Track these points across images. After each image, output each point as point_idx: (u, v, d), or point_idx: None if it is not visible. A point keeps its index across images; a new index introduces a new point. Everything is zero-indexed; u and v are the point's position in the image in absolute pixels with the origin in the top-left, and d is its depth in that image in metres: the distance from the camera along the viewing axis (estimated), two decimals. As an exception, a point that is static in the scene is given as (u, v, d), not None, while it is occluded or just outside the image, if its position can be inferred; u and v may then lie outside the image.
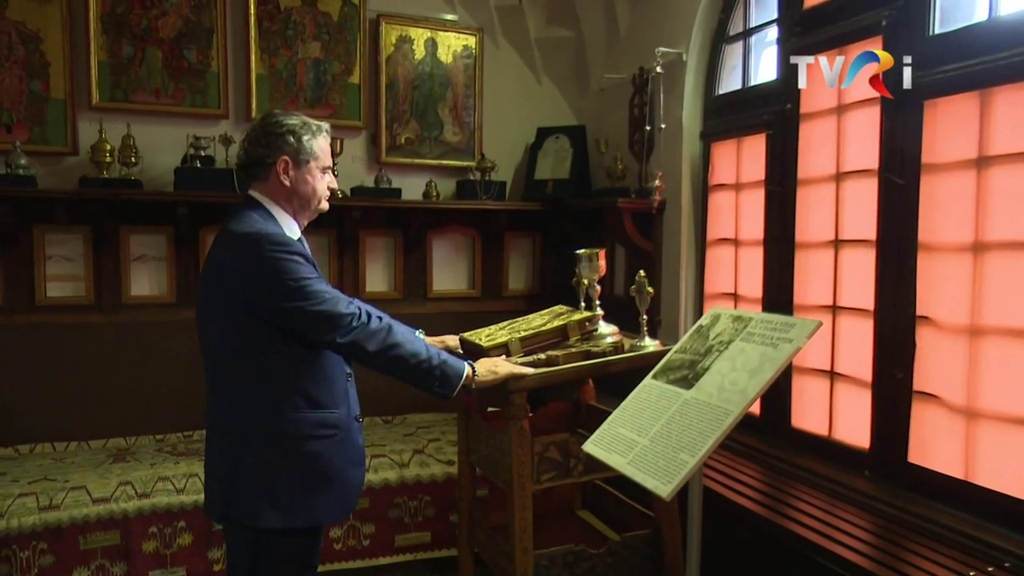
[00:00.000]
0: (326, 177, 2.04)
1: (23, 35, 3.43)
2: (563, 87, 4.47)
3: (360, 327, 1.91)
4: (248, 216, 1.92)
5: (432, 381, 2.02)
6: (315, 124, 2.02)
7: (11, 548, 2.74)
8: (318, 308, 1.86)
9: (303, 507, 1.92)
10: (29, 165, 3.36)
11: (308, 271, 1.88)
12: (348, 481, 2.02)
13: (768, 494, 2.54)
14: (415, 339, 2.04)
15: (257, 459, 1.89)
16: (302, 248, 1.94)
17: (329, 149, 2.06)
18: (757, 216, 2.99)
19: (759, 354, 1.85)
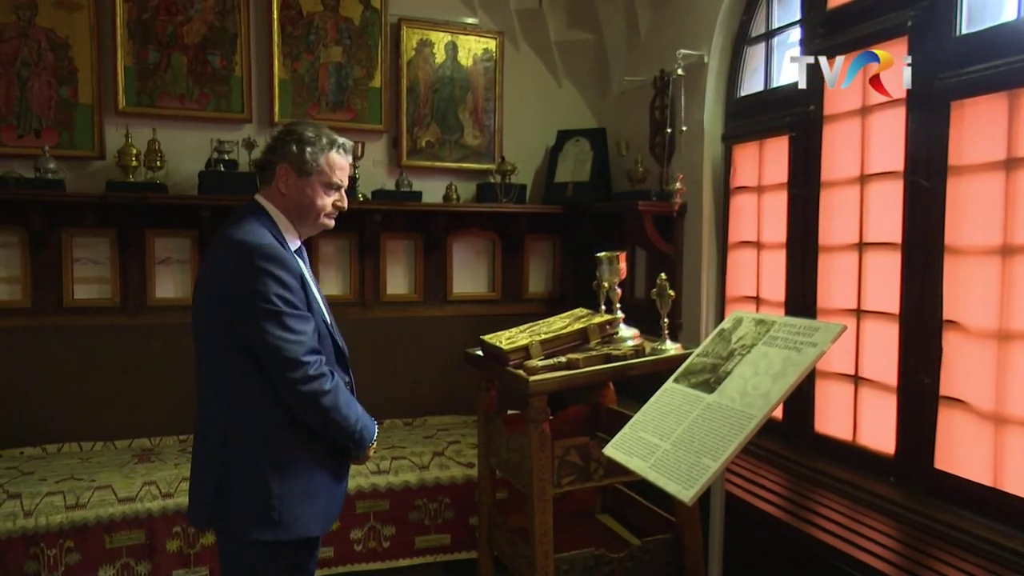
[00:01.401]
0: (332, 194, 1.99)
1: (52, 42, 3.49)
2: (583, 90, 4.47)
3: (319, 379, 1.84)
4: (247, 221, 1.89)
5: (351, 442, 1.99)
6: (331, 139, 1.97)
7: (39, 546, 2.78)
8: (281, 343, 1.80)
9: (292, 520, 1.88)
10: (57, 169, 3.41)
11: (291, 298, 1.83)
12: (334, 493, 2.01)
13: (791, 499, 2.52)
14: (353, 402, 1.99)
15: (246, 472, 1.86)
16: (295, 265, 1.88)
17: (343, 166, 1.99)
18: (780, 219, 2.96)
19: (782, 358, 1.84)
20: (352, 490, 3.22)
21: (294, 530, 1.89)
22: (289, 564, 1.96)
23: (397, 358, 4.14)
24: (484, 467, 2.88)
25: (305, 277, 1.93)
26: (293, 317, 1.83)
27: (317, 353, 1.87)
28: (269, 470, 1.86)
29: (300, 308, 1.86)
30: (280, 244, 1.89)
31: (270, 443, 1.87)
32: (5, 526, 2.74)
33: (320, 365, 1.86)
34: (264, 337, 1.80)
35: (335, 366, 1.99)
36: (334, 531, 3.18)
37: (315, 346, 1.87)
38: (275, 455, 1.87)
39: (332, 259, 4.05)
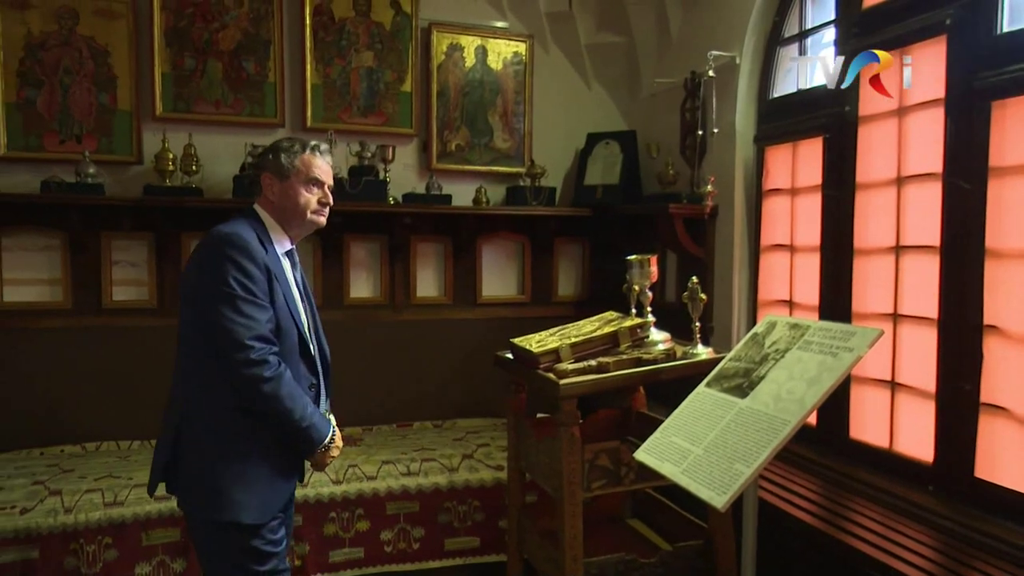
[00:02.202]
0: (314, 191, 2.11)
1: (93, 50, 3.58)
2: (613, 92, 4.45)
3: (260, 365, 1.90)
4: (234, 219, 2.05)
5: (297, 438, 2.02)
6: (304, 143, 2.13)
7: (78, 542, 2.84)
8: (232, 325, 1.89)
9: (227, 503, 1.96)
10: (97, 174, 3.50)
11: (250, 285, 1.92)
12: (277, 485, 2.06)
13: (825, 507, 2.48)
14: (300, 396, 2.01)
15: (193, 451, 1.98)
16: (262, 257, 1.97)
17: (320, 165, 2.12)
18: (813, 221, 2.92)
19: (817, 363, 1.81)
20: (383, 491, 3.25)
21: (226, 513, 1.96)
22: (237, 545, 2.01)
23: (427, 360, 4.17)
24: (514, 470, 2.88)
25: (275, 273, 2.01)
26: (247, 303, 1.92)
27: (266, 342, 1.94)
28: (213, 452, 1.98)
29: (258, 297, 1.95)
30: (261, 242, 2.02)
31: (217, 426, 1.98)
32: (47, 522, 2.81)
33: (265, 352, 1.92)
34: (215, 317, 1.91)
35: (297, 364, 2.06)
36: (364, 532, 3.21)
37: (265, 334, 1.94)
38: (220, 438, 1.98)
39: (363, 262, 4.09)
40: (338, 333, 3.96)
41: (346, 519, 3.20)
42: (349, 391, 4.02)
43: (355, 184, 3.74)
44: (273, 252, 2.06)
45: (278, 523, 2.09)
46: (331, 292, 4.02)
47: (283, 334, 2.01)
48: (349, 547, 3.21)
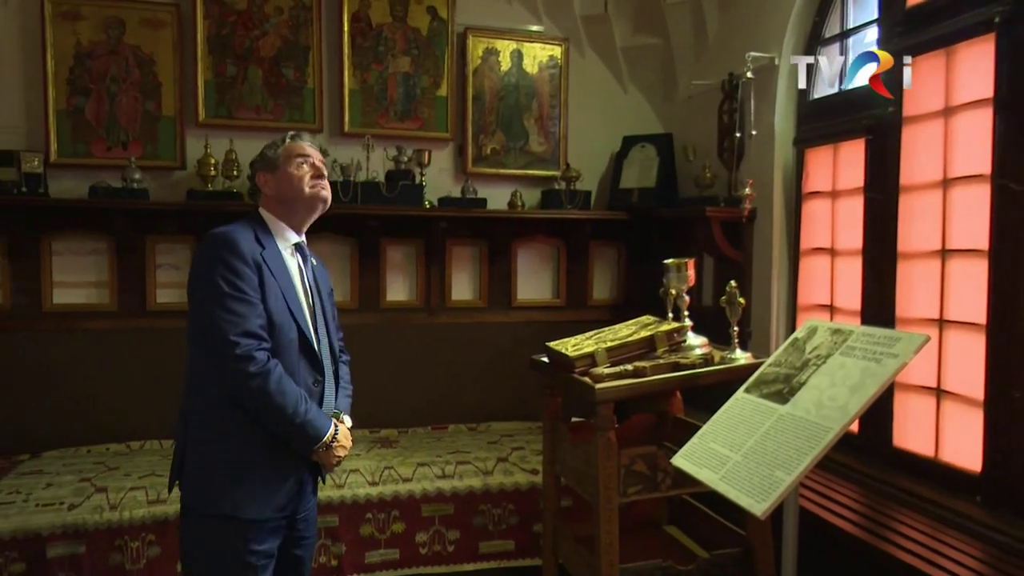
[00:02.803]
0: (304, 167, 2.12)
1: (139, 58, 3.67)
2: (649, 95, 4.43)
3: (245, 360, 1.89)
4: (235, 222, 2.08)
5: (291, 434, 1.98)
6: (284, 136, 2.18)
7: (123, 538, 2.91)
8: (217, 321, 1.90)
9: (218, 494, 1.96)
10: (142, 179, 3.58)
11: (237, 282, 1.92)
12: (271, 481, 2.00)
13: (868, 516, 2.43)
14: (292, 393, 1.96)
15: (193, 444, 2.00)
16: (250, 253, 1.96)
17: (302, 148, 2.14)
18: (855, 225, 2.87)
19: (860, 369, 1.77)
20: (418, 493, 3.27)
21: (219, 505, 1.95)
22: (225, 544, 1.97)
23: (461, 363, 4.18)
24: (549, 474, 2.87)
25: (271, 269, 2.01)
26: (233, 299, 1.92)
27: (253, 337, 1.92)
28: (210, 447, 1.99)
29: (247, 293, 1.94)
30: (258, 240, 2.03)
31: (213, 422, 1.98)
32: (93, 518, 2.88)
33: (251, 348, 1.91)
34: (202, 315, 1.94)
35: (297, 361, 2.03)
36: (399, 533, 3.23)
37: (252, 330, 1.92)
38: (216, 433, 1.98)
39: (399, 265, 4.12)
40: (374, 336, 4.05)
41: (382, 520, 3.22)
42: (385, 393, 4.07)
43: (392, 188, 3.78)
44: (274, 249, 2.07)
45: (272, 528, 2.02)
46: (368, 295, 4.06)
47: (278, 330, 2.00)
48: (385, 548, 3.23)
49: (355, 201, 3.73)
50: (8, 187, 3.40)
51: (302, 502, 2.12)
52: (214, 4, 3.73)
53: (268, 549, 2.02)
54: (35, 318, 3.64)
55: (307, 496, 2.15)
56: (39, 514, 2.86)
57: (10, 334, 3.60)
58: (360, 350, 3.96)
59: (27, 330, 3.63)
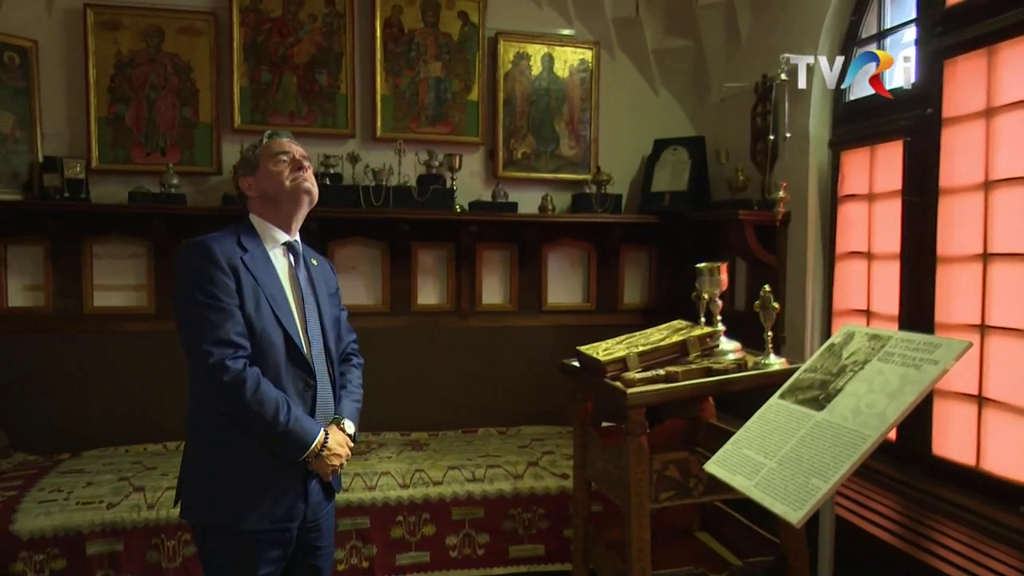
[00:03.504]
0: (282, 162, 2.05)
1: (177, 66, 3.75)
2: (681, 98, 4.40)
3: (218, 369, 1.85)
4: (221, 229, 2.05)
5: (274, 442, 1.94)
6: (262, 137, 2.13)
7: (160, 536, 2.97)
8: (190, 331, 1.89)
9: (207, 504, 1.96)
10: (179, 184, 3.66)
11: (212, 290, 1.88)
12: (264, 490, 1.96)
13: (906, 526, 2.37)
14: (271, 401, 1.91)
15: (187, 454, 2.01)
16: (241, 260, 1.94)
17: (280, 144, 2.07)
18: (893, 228, 2.81)
19: (899, 375, 1.74)
20: (448, 496, 3.27)
21: (210, 518, 1.96)
22: (229, 556, 1.97)
23: (491, 367, 4.19)
24: (579, 479, 2.86)
25: (253, 274, 1.96)
26: (207, 307, 1.88)
27: (228, 345, 1.88)
28: (197, 454, 1.99)
29: (222, 300, 1.89)
30: (241, 244, 1.98)
31: (207, 431, 1.97)
32: (131, 517, 2.94)
33: (225, 357, 1.86)
34: (179, 324, 1.93)
35: (283, 367, 1.97)
36: (429, 536, 3.24)
37: (227, 338, 1.88)
38: (204, 442, 1.98)
39: (430, 269, 4.15)
40: (405, 339, 4.08)
41: (412, 523, 3.24)
42: (415, 396, 4.10)
43: (423, 192, 3.80)
44: (260, 251, 2.02)
45: (274, 539, 1.99)
46: (399, 299, 4.09)
47: (260, 335, 1.94)
48: (415, 551, 3.25)
49: (387, 205, 3.76)
50: (52, 193, 3.49)
51: (307, 511, 2.05)
52: (250, 12, 3.79)
53: (272, 558, 2.00)
54: (76, 320, 3.73)
55: (314, 505, 2.07)
56: (79, 512, 2.93)
57: (52, 336, 3.70)
58: (391, 353, 4.02)
59: (68, 332, 3.72)
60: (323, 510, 2.12)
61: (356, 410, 2.19)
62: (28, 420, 3.65)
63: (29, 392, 3.66)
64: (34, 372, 3.67)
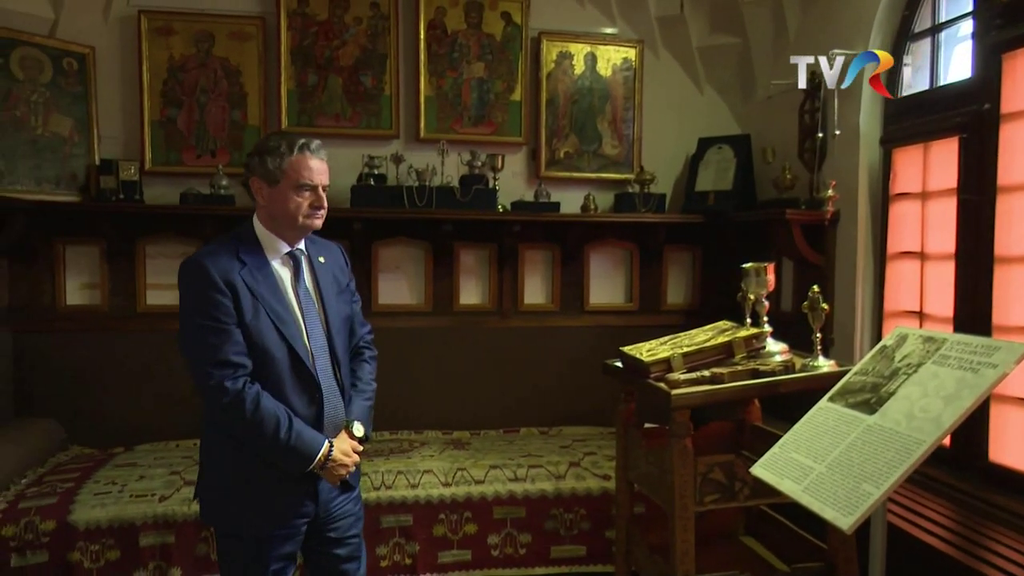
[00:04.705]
0: (305, 195, 1.98)
1: (226, 70, 3.84)
2: (726, 96, 4.33)
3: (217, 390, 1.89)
4: (215, 241, 2.03)
5: (276, 456, 1.97)
6: (292, 143, 1.99)
7: (209, 530, 3.03)
8: (189, 354, 1.94)
9: (218, 512, 2.05)
10: (229, 186, 3.74)
11: (210, 310, 1.89)
12: (266, 498, 1.99)
13: (961, 534, 2.31)
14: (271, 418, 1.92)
15: (201, 462, 2.09)
16: (239, 276, 1.92)
17: (310, 166, 1.98)
18: (947, 227, 2.73)
19: (955, 379, 1.69)
20: (490, 495, 3.28)
21: (219, 522, 2.05)
22: (239, 558, 2.03)
23: (533, 367, 4.19)
24: (622, 480, 2.84)
25: (252, 289, 1.94)
26: (205, 329, 1.90)
27: (226, 366, 1.90)
28: (208, 464, 2.07)
29: (220, 320, 1.90)
30: (240, 257, 1.96)
31: (209, 439, 2.06)
32: (181, 510, 3.02)
33: (224, 379, 1.89)
34: (180, 341, 1.96)
35: (287, 379, 1.98)
36: (471, 534, 3.26)
37: (226, 359, 1.90)
38: (213, 450, 2.05)
39: (472, 269, 4.17)
40: (447, 339, 4.10)
41: (455, 521, 3.26)
42: (457, 395, 4.12)
43: (465, 193, 3.82)
44: (260, 263, 1.99)
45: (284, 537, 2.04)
46: (441, 299, 4.12)
47: (261, 352, 1.95)
48: (457, 549, 3.26)
49: (430, 206, 3.79)
50: (107, 194, 3.61)
51: (317, 509, 2.07)
52: (297, 16, 3.86)
53: (281, 555, 2.05)
54: (130, 318, 3.85)
55: (325, 502, 2.09)
56: (133, 504, 3.01)
57: (107, 333, 3.82)
58: (433, 353, 4.05)
59: (122, 330, 3.84)
60: (337, 503, 2.13)
61: (366, 408, 2.19)
62: (84, 414, 3.78)
63: (85, 387, 3.78)
64: (90, 368, 3.79)
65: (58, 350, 3.75)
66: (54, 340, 3.75)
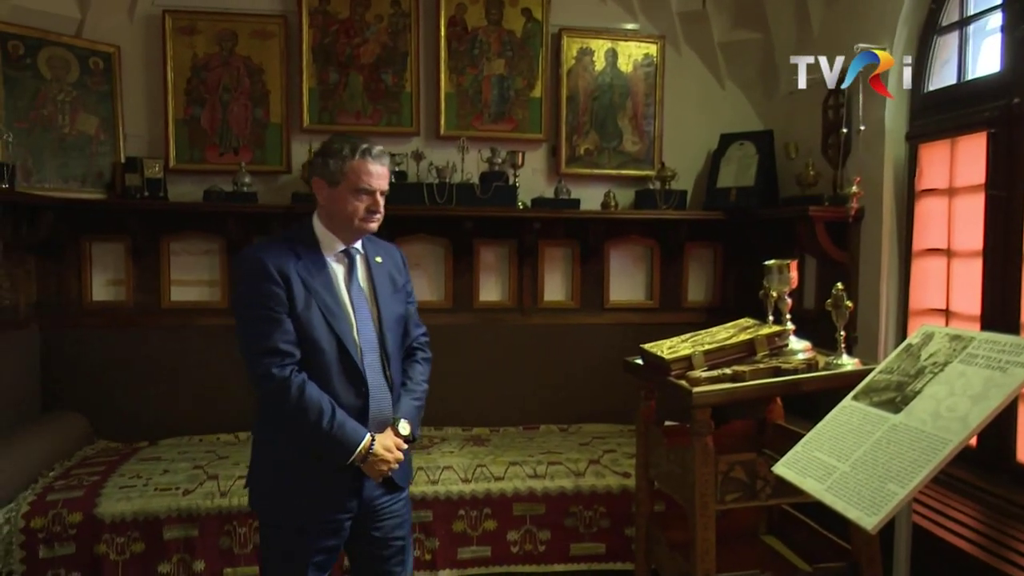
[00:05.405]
0: (363, 199, 2.03)
1: (249, 68, 3.87)
2: (748, 92, 4.29)
3: (264, 378, 1.96)
4: (274, 236, 2.08)
5: (319, 445, 2.00)
6: (355, 147, 2.03)
7: (232, 523, 3.07)
8: (240, 341, 2.01)
9: (261, 498, 2.10)
10: (251, 183, 3.77)
11: (263, 300, 1.96)
12: (311, 488, 2.02)
13: (988, 536, 2.27)
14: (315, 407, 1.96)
15: (254, 454, 2.14)
16: (293, 269, 1.99)
17: (370, 171, 2.02)
18: (975, 224, 2.69)
19: (983, 378, 1.66)
20: (510, 492, 3.29)
21: (263, 509, 2.11)
22: (279, 547, 2.08)
23: (553, 364, 4.18)
24: (642, 478, 2.83)
25: (305, 282, 2.00)
26: (258, 318, 1.97)
27: (275, 354, 1.96)
28: (258, 452, 2.12)
29: (272, 309, 1.96)
30: (295, 251, 2.03)
31: (259, 429, 2.11)
32: (205, 504, 3.05)
33: (271, 366, 1.95)
34: (236, 329, 2.04)
35: (334, 371, 2.02)
36: (491, 531, 3.26)
37: (274, 347, 1.96)
38: (263, 441, 2.11)
39: (492, 266, 4.17)
40: (467, 336, 4.11)
41: (474, 517, 3.26)
42: (477, 392, 4.13)
43: (485, 190, 3.82)
44: (314, 259, 2.05)
45: (323, 530, 2.07)
46: (461, 295, 4.13)
47: (310, 343, 2.00)
48: (477, 545, 3.27)
49: (450, 203, 3.80)
50: (132, 192, 3.66)
51: (360, 504, 2.09)
52: (318, 14, 3.88)
53: (323, 548, 2.08)
54: (154, 314, 3.90)
55: (369, 499, 2.11)
56: (157, 498, 3.05)
57: (132, 329, 3.87)
58: (453, 349, 4.05)
59: (147, 326, 3.89)
60: (383, 502, 2.15)
61: (415, 408, 2.20)
62: (109, 409, 3.83)
63: (110, 382, 3.84)
64: (115, 363, 3.85)
65: (84, 345, 3.81)
66: (80, 336, 3.82)
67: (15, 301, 3.57)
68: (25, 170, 3.48)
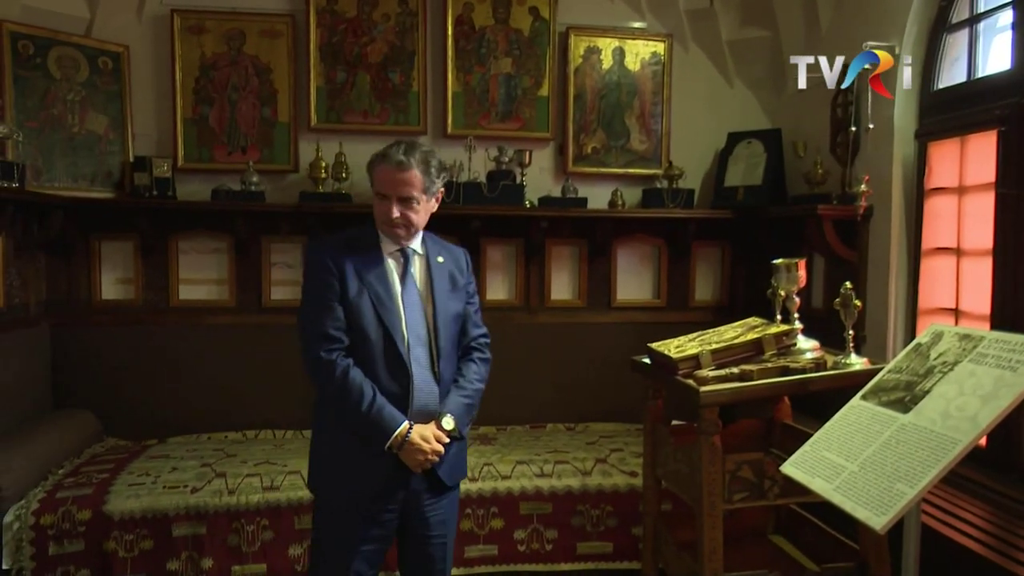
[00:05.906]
0: (383, 202, 2.14)
1: (257, 67, 3.88)
2: (756, 90, 4.28)
3: (313, 362, 2.10)
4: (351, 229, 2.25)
5: (360, 429, 2.09)
6: (379, 154, 2.16)
7: (240, 521, 3.08)
8: (298, 324, 2.15)
9: (319, 480, 2.20)
10: (259, 182, 3.78)
11: (321, 288, 2.10)
12: (362, 471, 2.11)
13: (998, 536, 2.26)
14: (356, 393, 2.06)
15: (312, 438, 2.27)
16: (350, 262, 2.11)
17: (382, 178, 2.13)
18: (985, 223, 2.67)
19: (993, 378, 1.65)
20: (516, 491, 3.29)
21: (316, 489, 2.22)
22: (330, 530, 2.17)
23: (560, 363, 4.18)
24: (649, 477, 2.83)
25: (361, 275, 2.11)
26: (311, 303, 2.12)
27: (324, 339, 2.08)
28: (314, 435, 2.25)
29: (325, 296, 2.10)
30: (356, 246, 2.16)
31: (318, 415, 2.22)
32: (213, 501, 3.06)
33: (319, 349, 2.08)
34: (300, 308, 2.18)
35: (379, 361, 2.10)
36: (498, 529, 3.26)
37: (326, 332, 2.08)
38: (318, 424, 2.23)
39: (500, 264, 4.17)
40: (475, 334, 4.10)
41: (481, 516, 3.27)
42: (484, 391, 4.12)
43: (493, 189, 3.82)
44: (373, 255, 2.16)
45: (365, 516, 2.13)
46: (468, 294, 4.12)
47: (358, 331, 2.10)
48: (484, 544, 3.27)
49: (457, 201, 3.80)
50: (141, 191, 3.67)
51: (407, 497, 2.15)
52: (326, 13, 3.89)
53: (371, 536, 2.15)
54: (163, 312, 3.91)
55: (415, 494, 2.16)
56: (166, 495, 3.07)
57: (141, 327, 3.89)
58: (461, 348, 4.06)
59: (156, 324, 3.91)
60: (428, 501, 2.20)
61: (463, 405, 2.23)
62: (119, 407, 3.85)
63: (119, 380, 3.85)
64: (124, 361, 3.86)
65: (94, 343, 3.83)
66: (90, 334, 3.83)
67: (25, 299, 3.59)
68: (35, 169, 3.51)
